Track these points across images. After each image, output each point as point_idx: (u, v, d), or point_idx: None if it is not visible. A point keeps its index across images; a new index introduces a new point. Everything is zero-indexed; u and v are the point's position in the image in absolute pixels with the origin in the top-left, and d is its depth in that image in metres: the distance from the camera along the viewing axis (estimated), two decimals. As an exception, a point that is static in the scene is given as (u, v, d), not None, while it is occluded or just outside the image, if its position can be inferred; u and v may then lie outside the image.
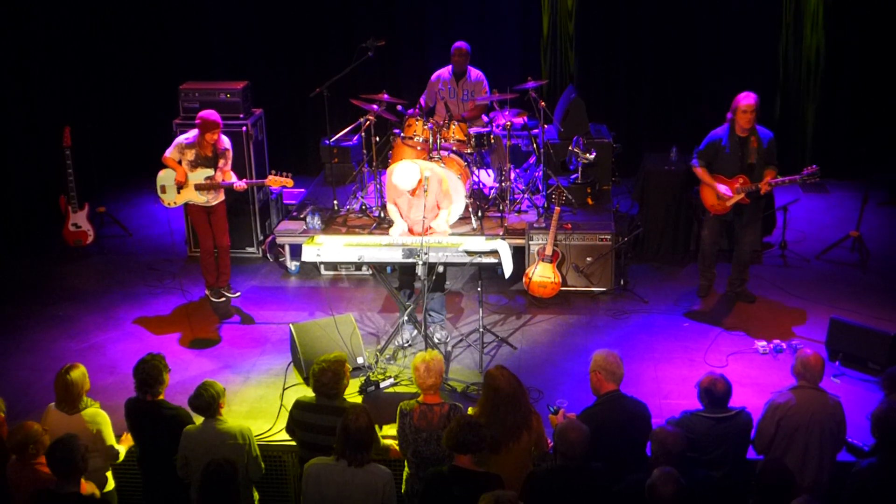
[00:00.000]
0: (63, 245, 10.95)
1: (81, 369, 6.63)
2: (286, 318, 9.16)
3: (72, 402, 6.56)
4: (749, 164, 8.83)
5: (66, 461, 5.78)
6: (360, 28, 11.92)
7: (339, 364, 6.41)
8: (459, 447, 5.72)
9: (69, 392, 6.55)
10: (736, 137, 8.83)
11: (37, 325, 9.45)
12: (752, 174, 8.82)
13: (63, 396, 6.58)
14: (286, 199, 11.37)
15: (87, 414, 6.58)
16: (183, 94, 10.54)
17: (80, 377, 6.58)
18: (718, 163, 8.93)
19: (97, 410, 6.66)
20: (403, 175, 8.27)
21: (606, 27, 12.42)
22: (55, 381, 6.60)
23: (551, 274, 9.46)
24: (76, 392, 6.56)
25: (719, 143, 8.89)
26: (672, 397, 7.77)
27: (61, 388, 6.57)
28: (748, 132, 8.79)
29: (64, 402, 6.58)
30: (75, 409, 6.57)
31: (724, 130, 8.90)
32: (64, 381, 6.55)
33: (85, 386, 6.63)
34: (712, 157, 8.95)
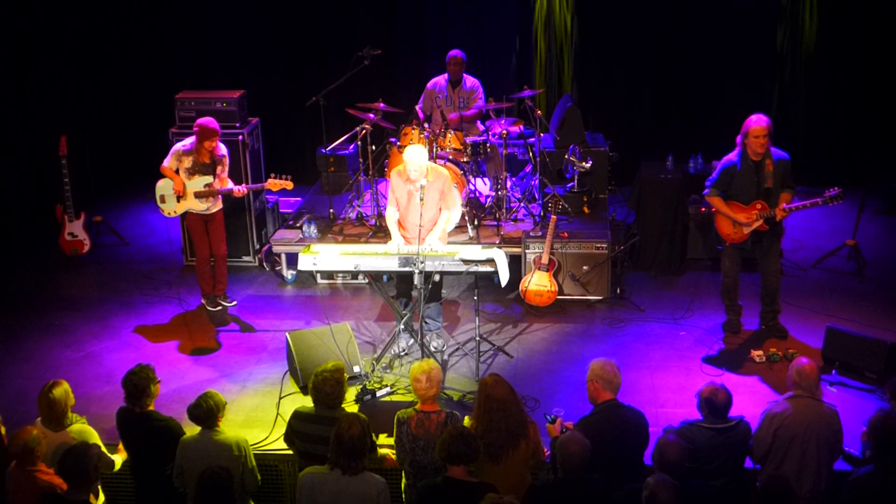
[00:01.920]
0: (59, 254, 10.93)
1: (64, 386, 6.58)
2: (282, 327, 9.15)
3: (57, 420, 6.52)
4: (766, 189, 8.33)
5: (78, 469, 5.78)
6: (358, 37, 11.94)
7: (339, 374, 6.41)
8: (452, 458, 5.71)
9: (53, 410, 6.51)
10: (749, 162, 8.31)
11: (33, 334, 9.43)
12: (770, 199, 8.33)
13: (48, 415, 6.53)
14: (282, 208, 11.37)
15: (73, 430, 6.53)
16: (179, 104, 10.54)
17: (62, 394, 6.53)
18: (733, 189, 8.45)
19: (83, 426, 6.62)
20: (415, 152, 8.22)
21: (603, 37, 12.45)
22: (39, 401, 6.55)
23: (548, 283, 9.46)
24: (60, 410, 6.52)
25: (733, 170, 8.40)
26: (669, 406, 7.77)
27: (45, 406, 6.53)
28: (762, 156, 8.27)
29: (49, 420, 6.54)
30: (61, 426, 6.53)
31: (737, 156, 8.40)
32: (47, 399, 6.50)
33: (69, 402, 6.58)
34: (727, 184, 8.47)
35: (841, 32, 11.99)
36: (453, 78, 11.20)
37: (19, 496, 6.24)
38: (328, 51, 12.53)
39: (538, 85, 12.37)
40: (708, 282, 9.97)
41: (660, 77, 12.45)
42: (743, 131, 8.27)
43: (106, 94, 12.92)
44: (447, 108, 11.11)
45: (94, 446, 6.37)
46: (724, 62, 12.29)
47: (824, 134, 12.32)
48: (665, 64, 12.39)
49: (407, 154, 8.27)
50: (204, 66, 12.81)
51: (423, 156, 8.24)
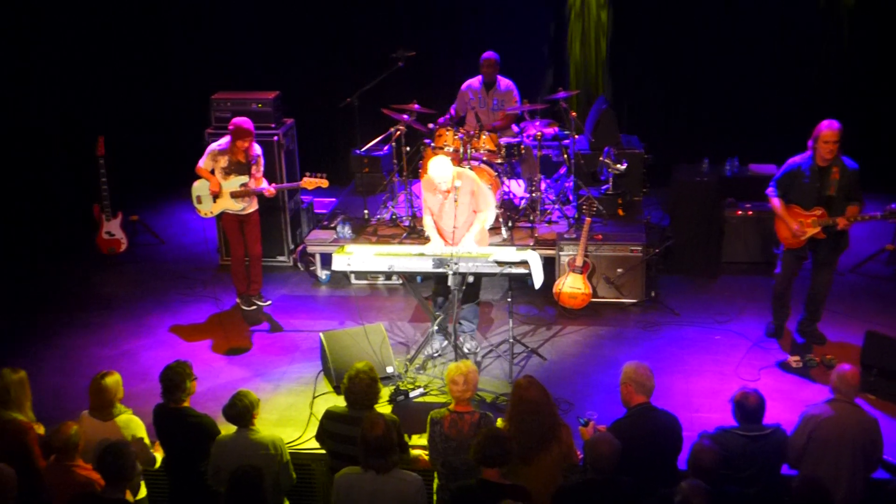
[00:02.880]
0: (97, 253, 11.04)
1: (116, 376, 6.68)
2: (316, 327, 9.17)
3: (104, 409, 6.61)
4: (828, 197, 8.11)
5: (116, 467, 5.83)
6: (391, 38, 11.95)
7: (371, 374, 6.42)
8: (486, 461, 5.70)
9: (101, 398, 6.60)
10: (816, 167, 8.12)
11: (71, 332, 9.53)
12: (831, 207, 8.11)
13: (96, 403, 6.63)
14: (317, 209, 11.41)
15: (120, 420, 6.62)
16: (215, 104, 10.61)
17: (113, 384, 6.63)
18: (795, 192, 8.29)
19: (131, 417, 6.71)
20: (438, 166, 8.23)
21: (639, 37, 12.40)
22: (90, 388, 6.65)
23: (582, 285, 9.44)
24: (108, 398, 6.61)
25: (798, 171, 8.24)
26: (703, 411, 7.72)
27: (95, 393, 6.62)
28: (830, 162, 8.07)
29: (97, 409, 6.63)
30: (109, 415, 6.61)
31: (805, 158, 8.24)
32: (98, 386, 6.60)
33: (118, 393, 6.67)
34: (788, 186, 8.32)
35: (879, 34, 11.87)
36: (487, 80, 11.19)
37: (57, 490, 6.31)
38: (362, 52, 12.55)
39: (573, 86, 12.34)
40: (743, 286, 9.91)
41: (696, 78, 12.37)
42: (814, 135, 8.10)
43: (143, 94, 13.02)
44: (481, 110, 11.11)
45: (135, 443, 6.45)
46: (764, 64, 12.18)
47: (865, 138, 12.17)
48: (702, 65, 12.31)
49: (431, 169, 8.29)
50: (239, 66, 12.86)
51: (447, 167, 8.25)
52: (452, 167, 8.30)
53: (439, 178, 8.23)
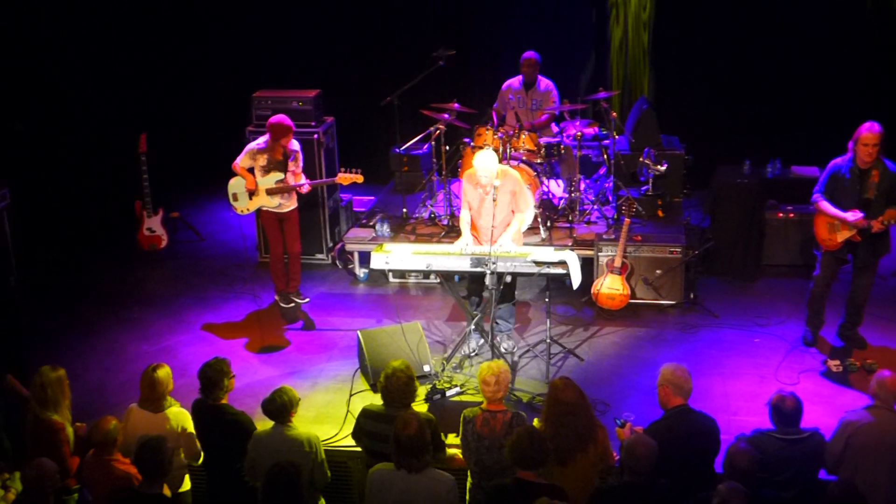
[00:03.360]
0: (138, 249, 11.15)
1: (167, 369, 6.75)
2: (354, 325, 9.20)
3: (156, 401, 6.68)
4: (866, 199, 8.03)
5: (154, 462, 5.89)
6: (432, 37, 11.98)
7: (408, 373, 6.44)
8: (522, 462, 5.68)
9: (154, 390, 6.66)
10: (857, 169, 8.05)
11: (111, 328, 9.63)
12: (871, 210, 8.01)
13: (148, 395, 6.70)
14: (356, 207, 11.46)
15: (170, 413, 6.69)
16: (256, 102, 10.68)
17: (165, 376, 6.70)
18: (835, 194, 8.22)
19: (180, 410, 6.77)
20: (484, 159, 8.20)
21: (681, 38, 12.32)
22: (141, 380, 6.73)
23: (620, 286, 9.40)
24: (160, 391, 6.68)
25: (838, 173, 8.17)
26: (741, 414, 7.66)
27: (146, 385, 6.69)
28: (870, 165, 7.99)
29: (148, 401, 6.70)
30: (159, 407, 6.68)
31: (846, 160, 8.16)
32: (150, 379, 6.67)
33: (169, 386, 6.74)
34: (833, 189, 8.22)
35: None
36: (527, 80, 11.17)
37: (96, 483, 6.39)
38: (402, 51, 12.58)
39: (614, 87, 12.29)
40: (784, 289, 9.82)
41: (738, 79, 12.27)
42: (854, 137, 8.03)
43: (185, 92, 13.14)
44: (521, 110, 11.09)
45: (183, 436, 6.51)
46: (808, 64, 12.06)
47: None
48: (743, 66, 12.21)
49: (477, 160, 8.26)
50: (280, 65, 12.94)
51: (493, 161, 8.22)
52: (497, 164, 8.29)
53: (483, 171, 8.18)
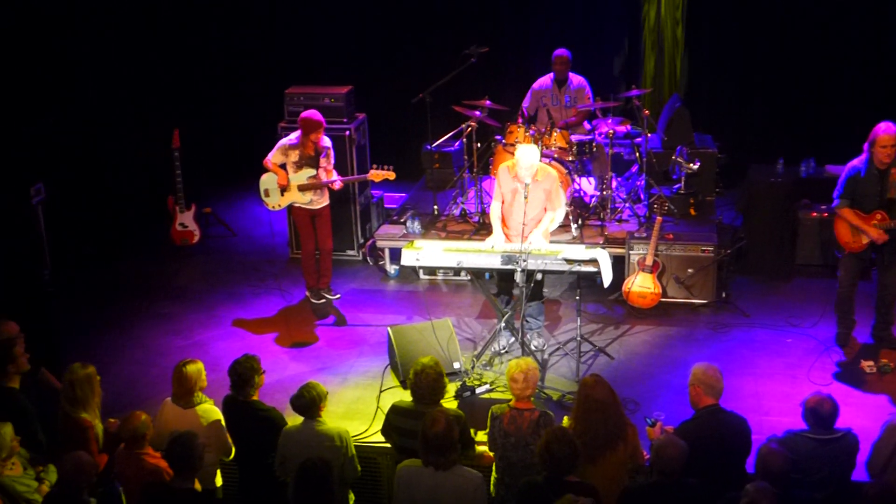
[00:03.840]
0: (170, 244, 11.23)
1: (198, 365, 6.78)
2: (384, 321, 9.22)
3: (185, 396, 6.71)
4: (888, 199, 8.05)
5: (184, 458, 5.92)
6: (464, 34, 11.95)
7: (438, 370, 6.44)
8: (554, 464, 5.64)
9: (182, 385, 6.70)
10: (875, 170, 8.04)
11: (143, 322, 9.70)
12: (892, 209, 8.06)
13: (178, 390, 6.74)
14: (387, 204, 11.47)
15: (201, 409, 6.72)
16: (288, 98, 10.72)
17: (195, 372, 6.73)
18: (855, 196, 8.21)
19: (211, 406, 6.80)
20: (527, 153, 8.18)
21: (715, 35, 12.24)
22: (172, 375, 6.77)
23: (651, 284, 9.36)
24: (189, 386, 6.71)
25: (858, 177, 8.15)
26: (773, 414, 7.61)
27: (176, 381, 6.73)
28: (888, 165, 7.99)
29: (178, 396, 6.74)
30: (189, 403, 6.72)
31: (862, 162, 8.13)
32: (179, 374, 6.71)
33: (199, 382, 6.76)
34: (853, 192, 8.21)
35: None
36: (559, 77, 11.14)
37: (128, 477, 6.44)
38: (435, 47, 12.57)
39: (646, 84, 12.23)
40: (817, 289, 9.73)
41: (772, 77, 12.17)
42: (870, 139, 8.01)
43: (217, 88, 13.20)
44: (553, 107, 11.06)
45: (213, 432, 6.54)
46: (842, 62, 11.95)
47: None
48: (777, 64, 12.11)
49: (519, 152, 8.25)
50: (311, 61, 12.97)
51: (535, 156, 8.21)
52: (538, 160, 8.27)
53: (524, 164, 8.16)
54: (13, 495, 6.24)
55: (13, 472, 6.36)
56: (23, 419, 6.81)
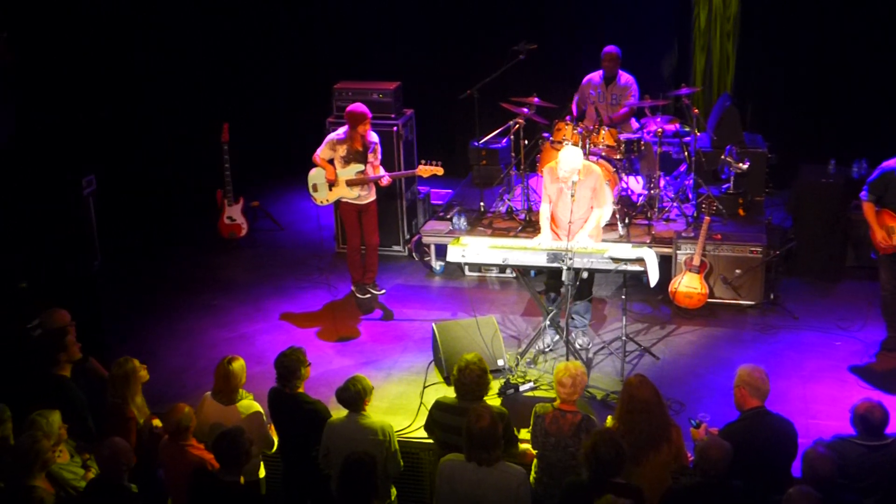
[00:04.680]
0: (218, 237, 11.32)
1: (241, 362, 6.82)
2: (429, 317, 9.24)
3: (228, 393, 6.76)
4: None
5: (230, 453, 5.97)
6: (512, 30, 11.93)
7: (482, 366, 6.44)
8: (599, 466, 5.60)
9: (228, 382, 6.74)
10: None
11: (191, 314, 9.79)
12: None
13: (221, 386, 6.77)
14: (433, 200, 11.48)
15: (241, 406, 6.76)
16: (337, 94, 10.76)
17: (239, 369, 6.77)
18: (889, 196, 8.16)
19: (251, 402, 6.85)
20: (569, 155, 8.15)
21: (766, 34, 12.09)
22: (216, 371, 6.81)
23: (698, 285, 9.29)
24: (234, 383, 6.76)
25: (891, 175, 8.10)
26: (820, 418, 7.52)
27: (221, 377, 6.77)
28: None
29: (221, 393, 6.78)
30: (231, 400, 6.76)
31: None
32: (225, 371, 6.74)
33: (242, 379, 6.81)
34: (883, 189, 8.17)
35: None
36: (608, 74, 11.08)
37: (171, 468, 6.51)
38: (483, 44, 12.55)
39: (696, 83, 12.13)
40: (867, 291, 9.58)
41: (823, 77, 12.00)
42: None
43: (267, 83, 13.28)
44: (601, 105, 11.01)
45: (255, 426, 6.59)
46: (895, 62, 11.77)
47: None
48: (830, 63, 11.94)
49: (562, 154, 8.22)
50: (360, 56, 13.01)
51: (578, 159, 8.17)
52: (581, 161, 8.23)
53: (565, 166, 8.14)
54: (60, 482, 6.34)
55: (61, 460, 6.45)
56: (73, 407, 6.92)
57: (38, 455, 6.02)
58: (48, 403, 6.54)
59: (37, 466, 6.03)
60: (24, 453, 6.00)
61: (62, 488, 6.32)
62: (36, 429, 6.20)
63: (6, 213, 9.61)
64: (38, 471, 6.04)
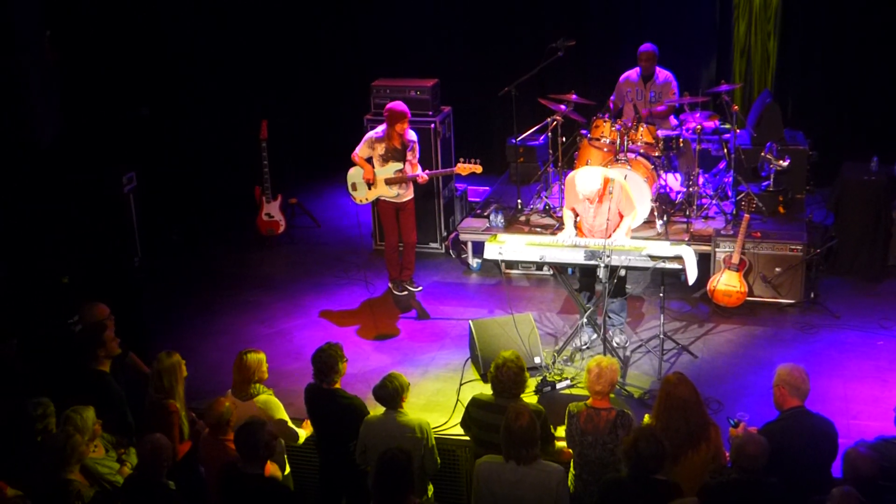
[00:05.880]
0: (256, 234, 11.38)
1: (259, 356, 6.84)
2: (466, 315, 9.23)
3: (243, 387, 6.79)
4: None
5: (248, 445, 5.99)
6: (550, 27, 11.90)
7: (519, 364, 6.43)
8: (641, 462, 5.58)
9: (241, 374, 6.79)
10: None
11: (229, 310, 9.85)
12: None
13: (237, 379, 6.83)
14: (470, 197, 11.48)
15: (259, 401, 6.79)
16: (375, 91, 10.79)
17: (254, 362, 6.79)
18: None
19: (269, 398, 6.87)
20: (586, 179, 8.14)
21: (807, 31, 11.97)
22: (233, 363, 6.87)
23: (737, 283, 9.21)
24: (247, 376, 6.78)
25: None
26: (861, 418, 7.45)
27: (236, 369, 6.83)
28: None
29: (237, 386, 6.83)
30: (247, 394, 6.79)
31: None
32: (238, 363, 6.80)
33: (258, 373, 6.82)
34: None
35: None
36: (645, 73, 11.01)
37: (211, 462, 6.56)
38: (521, 40, 12.53)
39: (736, 79, 12.03)
40: (911, 290, 9.51)
41: (865, 73, 11.85)
42: None
43: (305, 80, 13.34)
44: (639, 102, 10.95)
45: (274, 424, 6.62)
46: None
47: None
48: (871, 59, 11.79)
49: (578, 179, 8.15)
50: (397, 54, 13.02)
51: (595, 181, 8.08)
52: (599, 183, 8.15)
53: (585, 191, 8.12)
54: (96, 476, 6.39)
55: (96, 454, 6.52)
56: (112, 402, 6.98)
57: (74, 449, 6.08)
58: (86, 398, 6.60)
59: (73, 459, 6.09)
60: (59, 448, 6.07)
61: (97, 482, 6.38)
62: (70, 425, 6.27)
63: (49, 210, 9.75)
64: (73, 464, 6.11)
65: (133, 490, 6.11)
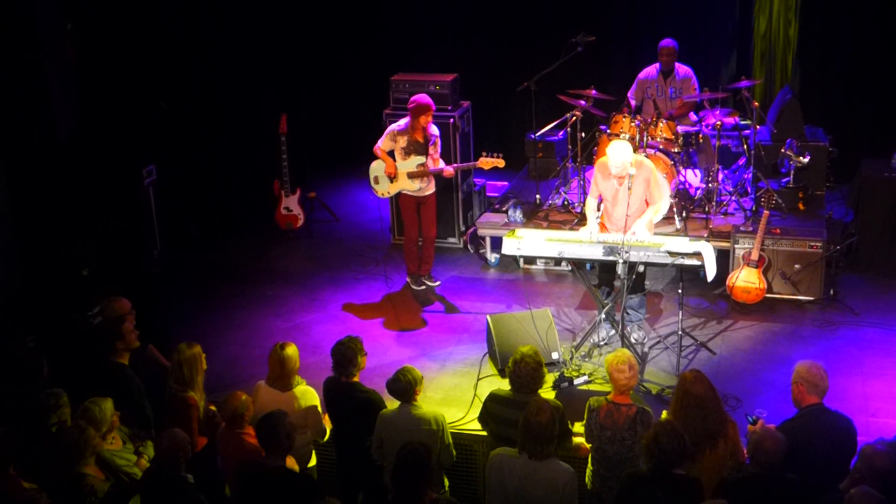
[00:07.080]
0: (275, 228, 11.41)
1: (294, 347, 6.88)
2: (484, 310, 9.24)
3: (284, 379, 6.82)
4: None
5: (270, 437, 6.03)
6: (569, 22, 11.86)
7: (537, 359, 6.43)
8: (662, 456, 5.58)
9: (284, 368, 6.80)
10: None
11: (248, 303, 9.88)
12: None
13: (277, 373, 6.83)
14: (489, 192, 11.47)
15: (298, 391, 6.83)
16: (394, 85, 10.80)
17: (293, 354, 6.84)
18: None
19: (307, 388, 6.91)
20: (617, 150, 8.09)
21: (827, 26, 11.89)
22: (269, 358, 6.87)
23: (756, 280, 9.18)
24: (290, 368, 6.82)
25: None
26: (880, 416, 7.42)
27: (275, 364, 6.83)
28: None
29: (277, 379, 6.84)
30: (287, 386, 6.82)
31: None
32: (279, 357, 6.80)
33: (296, 364, 6.87)
34: None
35: None
36: (664, 68, 10.98)
37: (228, 455, 6.58)
38: (540, 36, 12.49)
39: (756, 75, 11.97)
40: (932, 287, 9.46)
41: (886, 69, 11.77)
42: None
43: (323, 74, 13.35)
44: (659, 98, 10.92)
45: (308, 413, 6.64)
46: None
47: None
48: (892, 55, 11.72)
49: (610, 150, 8.16)
50: (416, 48, 13.02)
51: (627, 152, 8.09)
52: (631, 154, 8.17)
53: (615, 163, 8.08)
54: (113, 467, 6.43)
55: (113, 447, 6.55)
56: (131, 395, 7.03)
57: (87, 443, 6.11)
58: (105, 390, 6.64)
59: (87, 453, 6.12)
60: (73, 442, 6.10)
61: (114, 474, 6.41)
62: (88, 416, 6.30)
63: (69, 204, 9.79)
64: (87, 457, 6.14)
65: (152, 483, 6.14)
